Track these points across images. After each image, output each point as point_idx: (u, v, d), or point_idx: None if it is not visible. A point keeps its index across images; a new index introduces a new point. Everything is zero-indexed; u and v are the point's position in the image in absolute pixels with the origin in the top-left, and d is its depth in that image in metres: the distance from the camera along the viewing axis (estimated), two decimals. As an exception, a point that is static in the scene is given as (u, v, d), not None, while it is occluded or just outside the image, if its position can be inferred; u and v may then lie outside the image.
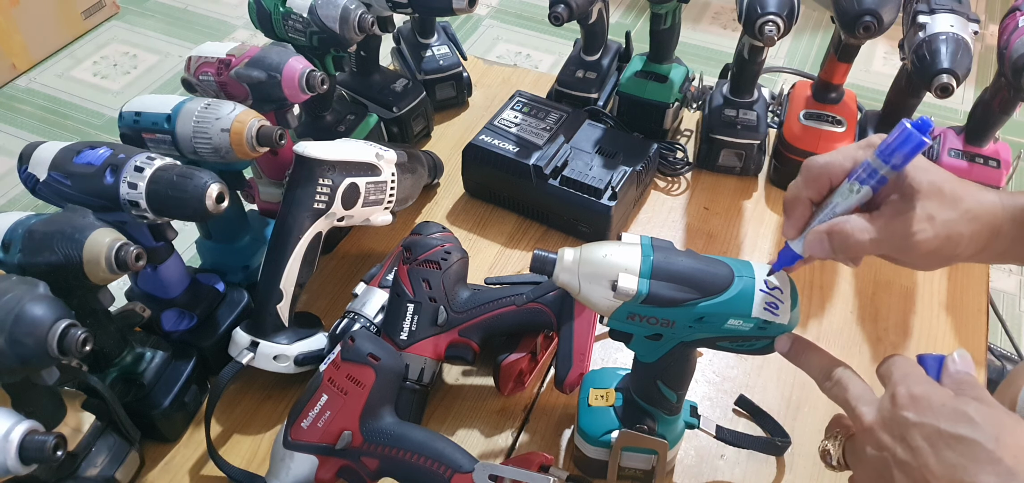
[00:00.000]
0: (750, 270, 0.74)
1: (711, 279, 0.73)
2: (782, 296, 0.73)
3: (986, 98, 1.16)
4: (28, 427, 0.71)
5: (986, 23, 2.93)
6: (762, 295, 0.72)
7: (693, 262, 0.74)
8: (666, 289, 0.73)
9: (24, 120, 2.83)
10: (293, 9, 1.10)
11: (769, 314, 0.72)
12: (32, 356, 0.72)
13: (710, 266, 0.74)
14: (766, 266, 0.75)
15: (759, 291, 0.73)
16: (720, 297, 0.73)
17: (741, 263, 0.75)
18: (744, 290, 0.73)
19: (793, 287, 0.74)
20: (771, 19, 1.08)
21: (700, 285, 0.73)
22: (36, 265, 0.81)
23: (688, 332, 0.76)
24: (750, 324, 0.73)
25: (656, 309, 0.74)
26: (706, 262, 0.75)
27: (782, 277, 0.74)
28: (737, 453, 0.97)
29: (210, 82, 1.05)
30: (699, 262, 0.74)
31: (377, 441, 0.86)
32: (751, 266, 0.74)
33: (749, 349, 0.77)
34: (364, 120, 1.28)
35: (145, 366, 0.97)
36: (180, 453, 0.99)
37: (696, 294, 0.73)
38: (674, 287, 0.73)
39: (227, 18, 3.35)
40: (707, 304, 0.73)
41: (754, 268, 0.74)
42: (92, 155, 0.88)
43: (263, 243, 1.14)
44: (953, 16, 1.05)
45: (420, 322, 0.97)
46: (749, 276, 0.73)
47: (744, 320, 0.73)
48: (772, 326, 0.73)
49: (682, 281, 0.73)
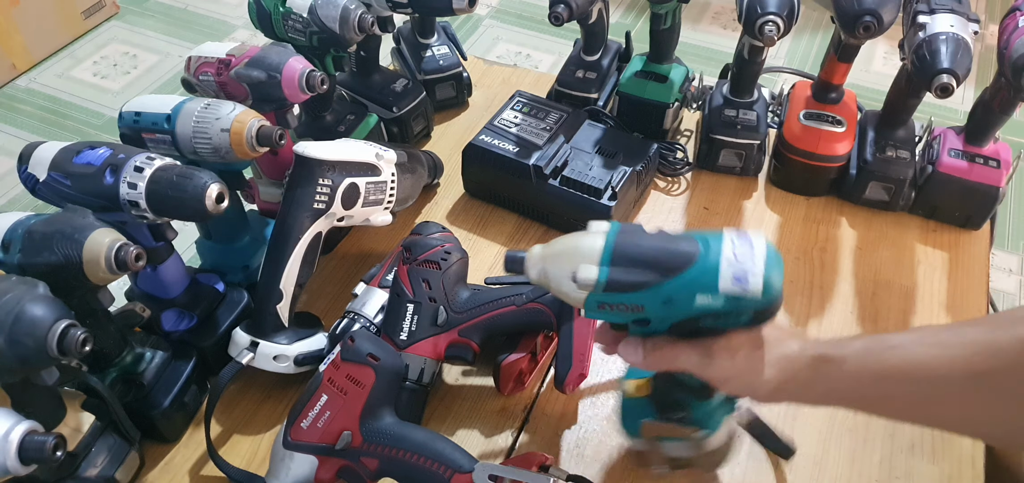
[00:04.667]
0: (719, 241, 0.67)
1: (673, 257, 0.67)
2: (752, 264, 0.65)
3: (986, 98, 1.16)
4: (28, 427, 0.71)
5: (986, 23, 2.93)
6: (728, 266, 0.65)
7: (657, 242, 0.69)
8: (627, 274, 0.68)
9: (24, 120, 2.83)
10: (293, 9, 1.10)
11: (739, 287, 0.65)
12: (32, 356, 0.72)
13: (674, 243, 0.68)
14: (747, 233, 0.68)
15: (724, 262, 0.65)
16: (682, 275, 0.66)
17: (714, 236, 0.68)
18: (708, 264, 0.66)
19: (771, 253, 0.66)
20: (771, 19, 1.08)
21: (662, 265, 0.67)
22: (36, 265, 0.80)
23: (663, 316, 0.70)
24: (720, 300, 0.66)
25: (621, 296, 0.69)
26: (671, 240, 0.69)
27: (757, 241, 0.67)
28: (736, 454, 0.97)
29: (210, 82, 1.05)
30: (664, 241, 0.69)
31: (377, 441, 0.86)
32: (722, 237, 0.67)
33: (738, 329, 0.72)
34: (364, 120, 1.28)
35: (145, 366, 0.97)
36: (180, 453, 0.99)
37: (657, 275, 0.67)
38: (635, 271, 0.68)
39: (227, 18, 3.35)
40: (670, 284, 0.67)
41: (724, 238, 0.67)
42: (92, 155, 0.88)
43: (263, 243, 1.14)
44: (953, 16, 1.05)
45: (420, 322, 0.97)
46: (717, 248, 0.66)
47: (713, 296, 0.66)
48: (746, 300, 0.66)
49: (644, 264, 0.68)
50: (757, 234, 0.67)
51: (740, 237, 0.67)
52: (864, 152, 1.24)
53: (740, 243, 0.67)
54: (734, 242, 0.67)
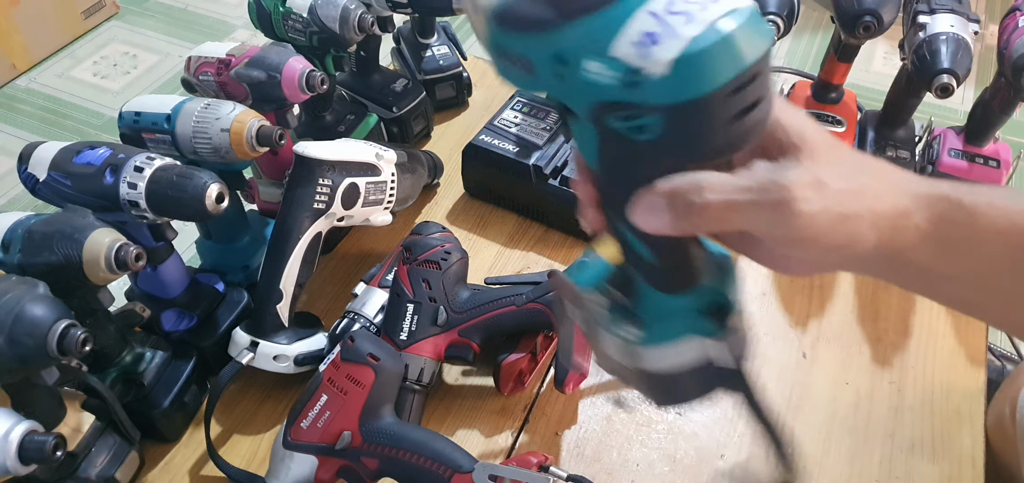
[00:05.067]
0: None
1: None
2: (685, 25, 0.40)
3: (986, 98, 1.16)
4: (28, 427, 0.71)
5: (986, 23, 2.93)
6: (648, 18, 0.41)
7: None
8: (530, 5, 0.44)
9: (24, 120, 2.83)
10: (293, 9, 1.10)
11: (639, 54, 0.41)
12: (32, 356, 0.72)
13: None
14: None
15: (640, 13, 0.41)
16: (582, 20, 0.42)
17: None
18: (620, 10, 0.42)
19: (743, 17, 0.41)
20: (771, 19, 1.08)
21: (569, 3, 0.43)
22: (36, 265, 0.80)
23: (562, 95, 0.47)
24: (612, 72, 0.42)
25: (512, 39, 0.46)
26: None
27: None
28: (738, 453, 0.97)
29: (210, 82, 1.05)
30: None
31: (377, 441, 0.86)
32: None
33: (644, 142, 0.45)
34: (364, 120, 1.28)
35: (145, 366, 0.97)
36: (180, 453, 0.99)
37: (556, 14, 0.43)
38: (542, 3, 0.44)
39: (227, 18, 3.35)
40: (563, 33, 0.43)
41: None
42: (92, 155, 0.88)
43: (263, 243, 1.14)
44: (953, 16, 1.05)
45: (420, 322, 0.97)
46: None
47: (604, 64, 0.42)
48: (646, 81, 0.41)
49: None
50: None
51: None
52: (864, 152, 1.24)
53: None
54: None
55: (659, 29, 0.40)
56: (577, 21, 0.42)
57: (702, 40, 0.40)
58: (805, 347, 1.08)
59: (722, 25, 0.40)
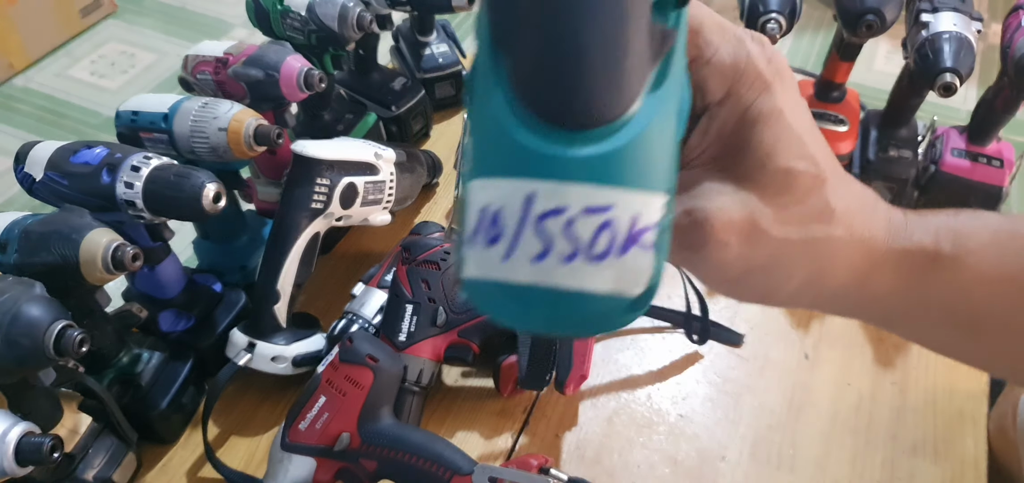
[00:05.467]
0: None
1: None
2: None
3: (989, 97, 1.16)
4: (25, 428, 0.71)
5: (989, 22, 2.92)
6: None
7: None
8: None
9: (21, 119, 2.82)
10: (291, 7, 1.09)
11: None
12: (28, 357, 0.72)
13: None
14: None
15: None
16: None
17: (666, 104, 0.36)
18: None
19: None
20: (773, 17, 1.07)
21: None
22: (32, 265, 0.80)
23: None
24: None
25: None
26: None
27: None
28: (739, 455, 0.97)
29: (208, 81, 1.05)
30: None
31: (375, 443, 0.85)
32: (659, 119, 0.35)
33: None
34: (362, 119, 1.27)
35: (142, 367, 0.96)
36: (177, 455, 0.98)
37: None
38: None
39: (225, 17, 3.34)
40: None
41: None
42: (89, 154, 0.88)
43: (261, 243, 1.14)
44: (956, 14, 1.04)
45: (419, 323, 0.96)
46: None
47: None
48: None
49: None
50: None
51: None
52: (867, 151, 1.24)
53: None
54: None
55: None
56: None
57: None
58: (807, 348, 1.08)
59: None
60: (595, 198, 0.33)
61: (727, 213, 0.40)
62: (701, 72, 0.42)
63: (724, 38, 0.42)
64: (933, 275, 0.45)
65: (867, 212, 0.44)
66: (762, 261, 0.42)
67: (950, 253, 0.45)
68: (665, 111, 0.35)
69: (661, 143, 0.35)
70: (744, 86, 0.42)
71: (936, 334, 0.49)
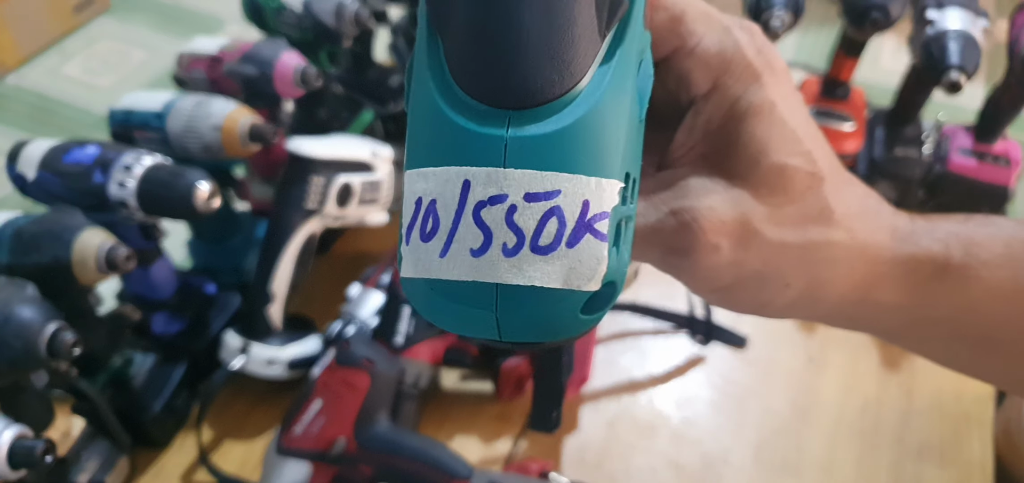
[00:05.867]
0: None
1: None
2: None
3: (996, 95, 1.15)
4: (17, 431, 0.70)
5: (995, 19, 2.91)
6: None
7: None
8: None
9: (13, 118, 2.81)
10: (286, 3, 1.08)
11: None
12: (21, 359, 0.71)
13: None
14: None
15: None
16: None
17: (615, 81, 0.32)
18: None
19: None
20: (777, 14, 1.06)
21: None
22: (24, 266, 0.79)
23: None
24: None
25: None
26: None
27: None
28: (743, 459, 0.96)
29: (202, 78, 1.04)
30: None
31: (372, 448, 0.84)
32: (608, 96, 0.32)
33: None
34: (359, 117, 1.26)
35: (135, 370, 0.95)
36: (171, 459, 0.97)
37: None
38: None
39: (219, 14, 3.33)
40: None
41: None
42: (81, 153, 0.87)
43: (255, 243, 1.12)
44: (962, 11, 1.04)
45: (417, 325, 0.95)
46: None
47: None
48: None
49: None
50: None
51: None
52: (873, 150, 1.23)
53: None
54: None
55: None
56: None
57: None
58: (812, 350, 1.07)
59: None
60: (538, 184, 0.30)
61: (717, 213, 0.37)
62: (684, 63, 0.39)
63: (709, 26, 0.39)
64: (941, 287, 0.42)
65: (870, 215, 0.41)
66: (756, 267, 0.38)
67: (960, 263, 0.41)
68: (619, 87, 0.32)
69: (615, 122, 0.32)
70: (732, 77, 0.39)
71: (944, 349, 0.46)
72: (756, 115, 0.38)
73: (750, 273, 0.38)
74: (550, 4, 0.30)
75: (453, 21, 0.31)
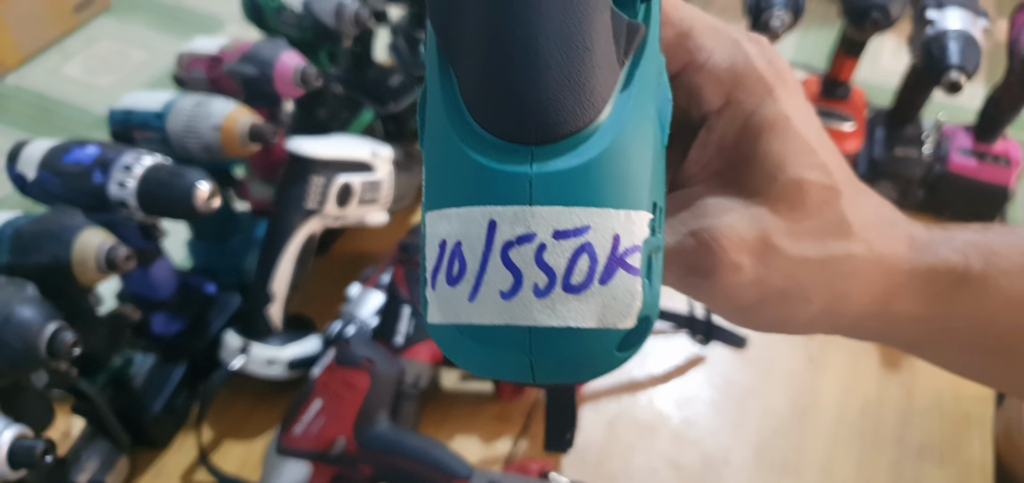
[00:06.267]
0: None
1: None
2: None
3: (996, 95, 1.15)
4: (17, 431, 0.70)
5: (995, 19, 2.91)
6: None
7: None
8: None
9: (13, 118, 2.80)
10: (286, 3, 1.08)
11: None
12: (21, 359, 0.71)
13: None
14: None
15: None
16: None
17: (636, 111, 0.31)
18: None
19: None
20: (777, 12, 1.06)
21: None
22: (24, 266, 0.79)
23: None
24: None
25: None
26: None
27: None
28: (743, 459, 0.95)
29: (201, 78, 1.04)
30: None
31: (372, 448, 0.84)
32: (633, 127, 0.31)
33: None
34: (359, 117, 1.26)
35: (135, 370, 0.95)
36: (171, 459, 0.97)
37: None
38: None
39: (219, 14, 3.33)
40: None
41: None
42: (81, 153, 0.87)
43: (255, 243, 1.12)
44: (962, 11, 1.04)
45: (417, 325, 0.94)
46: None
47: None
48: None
49: None
50: None
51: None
52: (873, 150, 1.23)
53: None
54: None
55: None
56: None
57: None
58: (812, 351, 1.07)
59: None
60: (566, 220, 0.29)
61: (737, 231, 0.36)
62: (695, 79, 0.38)
63: (718, 40, 0.38)
64: (961, 297, 0.41)
65: (886, 226, 0.41)
66: (778, 284, 0.37)
67: (979, 273, 0.40)
68: (641, 114, 0.31)
69: (640, 151, 0.31)
70: (744, 91, 0.38)
71: (963, 360, 0.45)
72: (771, 129, 0.38)
73: (772, 290, 0.38)
74: (568, 32, 0.29)
75: (466, 53, 0.30)
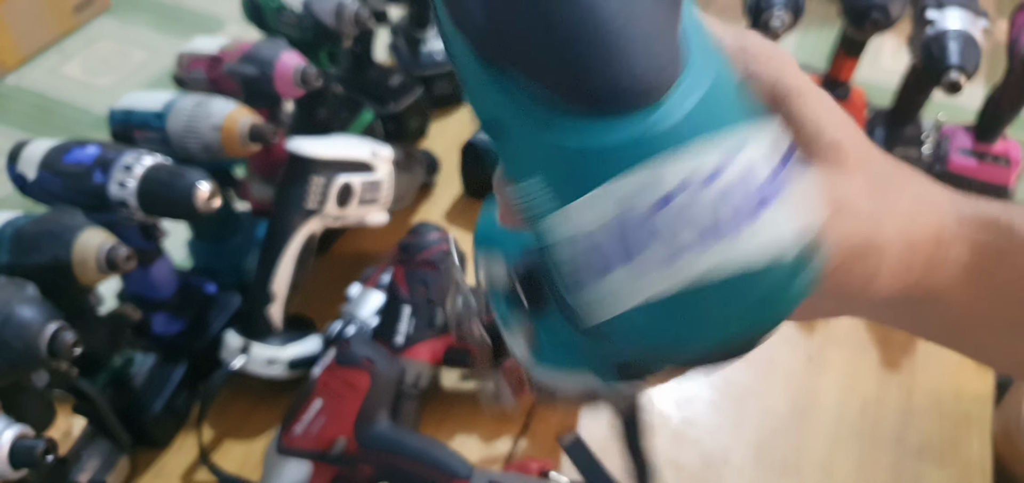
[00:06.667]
0: (704, 80, 0.30)
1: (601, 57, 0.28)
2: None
3: (996, 95, 1.15)
4: (18, 431, 0.70)
5: (995, 19, 2.90)
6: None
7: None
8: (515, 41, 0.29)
9: (13, 118, 2.80)
10: (286, 3, 1.08)
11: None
12: (22, 359, 0.71)
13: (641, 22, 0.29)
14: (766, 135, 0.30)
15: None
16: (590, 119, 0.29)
17: (713, 59, 0.31)
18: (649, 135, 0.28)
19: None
20: (777, 12, 1.06)
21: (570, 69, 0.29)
22: (25, 266, 0.80)
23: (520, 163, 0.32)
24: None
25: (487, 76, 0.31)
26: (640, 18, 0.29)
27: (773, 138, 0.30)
28: (743, 459, 0.96)
29: (202, 78, 1.04)
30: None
31: (372, 447, 0.84)
32: (719, 70, 0.31)
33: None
34: (359, 117, 1.26)
35: (135, 370, 0.95)
36: (171, 459, 0.97)
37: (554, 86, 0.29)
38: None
39: (219, 14, 3.33)
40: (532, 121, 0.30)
41: (721, 73, 0.31)
42: (82, 153, 0.87)
43: (255, 243, 1.12)
44: (962, 11, 1.04)
45: (417, 325, 0.95)
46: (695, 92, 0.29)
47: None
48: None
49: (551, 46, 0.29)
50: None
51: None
52: (888, 154, 1.23)
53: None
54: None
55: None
56: (572, 119, 0.29)
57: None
58: (812, 350, 1.07)
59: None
60: (698, 167, 0.28)
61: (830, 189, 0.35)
62: None
63: (723, 30, 0.39)
64: (1004, 249, 0.38)
65: (920, 180, 0.40)
66: (855, 243, 0.35)
67: (1022, 226, 0.38)
68: (708, 49, 0.31)
69: (730, 80, 0.31)
70: (760, 64, 0.38)
71: (996, 337, 0.42)
72: (799, 95, 0.37)
73: (851, 248, 0.35)
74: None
75: (535, 50, 0.29)
